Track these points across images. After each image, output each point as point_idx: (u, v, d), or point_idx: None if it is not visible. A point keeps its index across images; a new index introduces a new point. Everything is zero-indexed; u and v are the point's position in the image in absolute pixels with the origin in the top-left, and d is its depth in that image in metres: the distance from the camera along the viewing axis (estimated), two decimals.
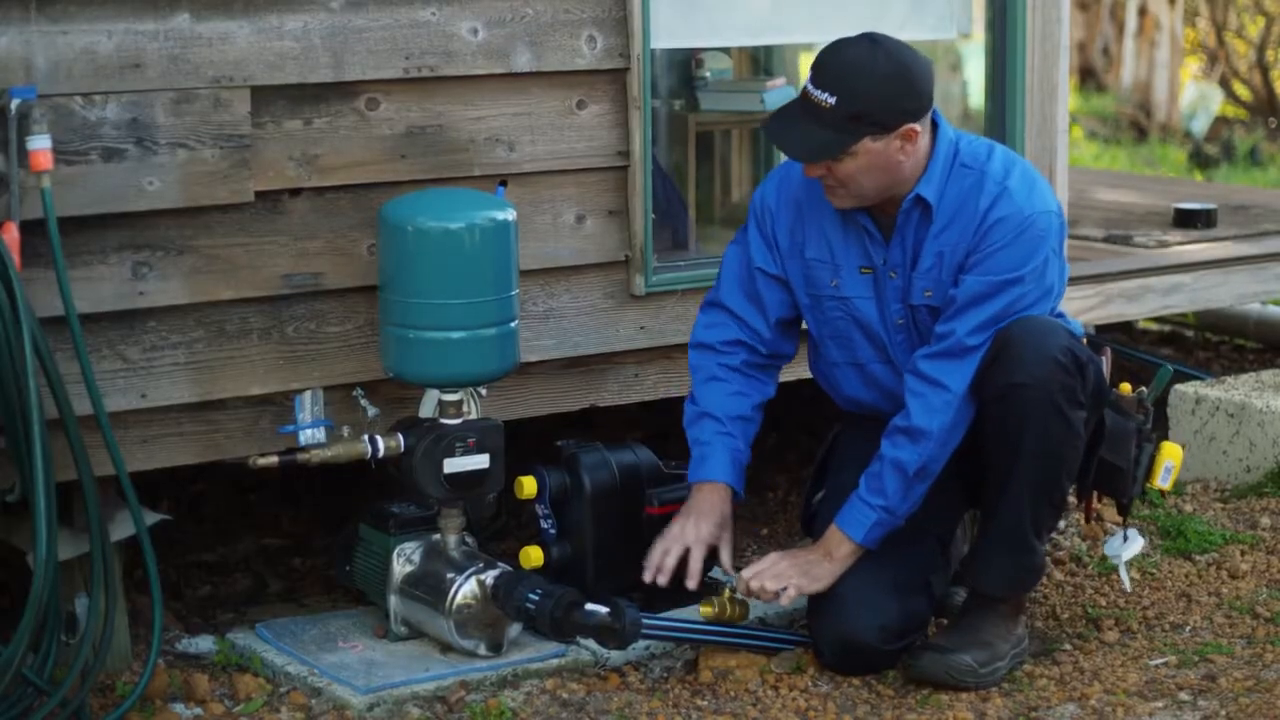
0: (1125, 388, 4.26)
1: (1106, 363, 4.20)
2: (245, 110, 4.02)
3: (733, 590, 4.13)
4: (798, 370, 4.53)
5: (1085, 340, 4.18)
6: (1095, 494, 4.33)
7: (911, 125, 3.92)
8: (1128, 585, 4.42)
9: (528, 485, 4.30)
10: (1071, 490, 4.21)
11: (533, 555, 4.26)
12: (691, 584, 4.14)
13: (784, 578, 4.03)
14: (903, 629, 4.05)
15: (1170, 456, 4.22)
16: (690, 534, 4.16)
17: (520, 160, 4.36)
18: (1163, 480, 4.22)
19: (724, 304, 4.25)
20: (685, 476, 4.36)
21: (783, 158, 4.19)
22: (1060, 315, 4.19)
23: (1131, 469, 4.18)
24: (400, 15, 4.17)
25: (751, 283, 4.23)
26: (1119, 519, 4.45)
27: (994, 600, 4.07)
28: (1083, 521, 4.88)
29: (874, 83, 3.88)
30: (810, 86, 3.91)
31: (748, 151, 6.08)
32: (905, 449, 3.97)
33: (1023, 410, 3.92)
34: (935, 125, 4.03)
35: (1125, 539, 4.30)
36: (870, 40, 3.93)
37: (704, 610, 3.99)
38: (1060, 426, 3.95)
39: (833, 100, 3.87)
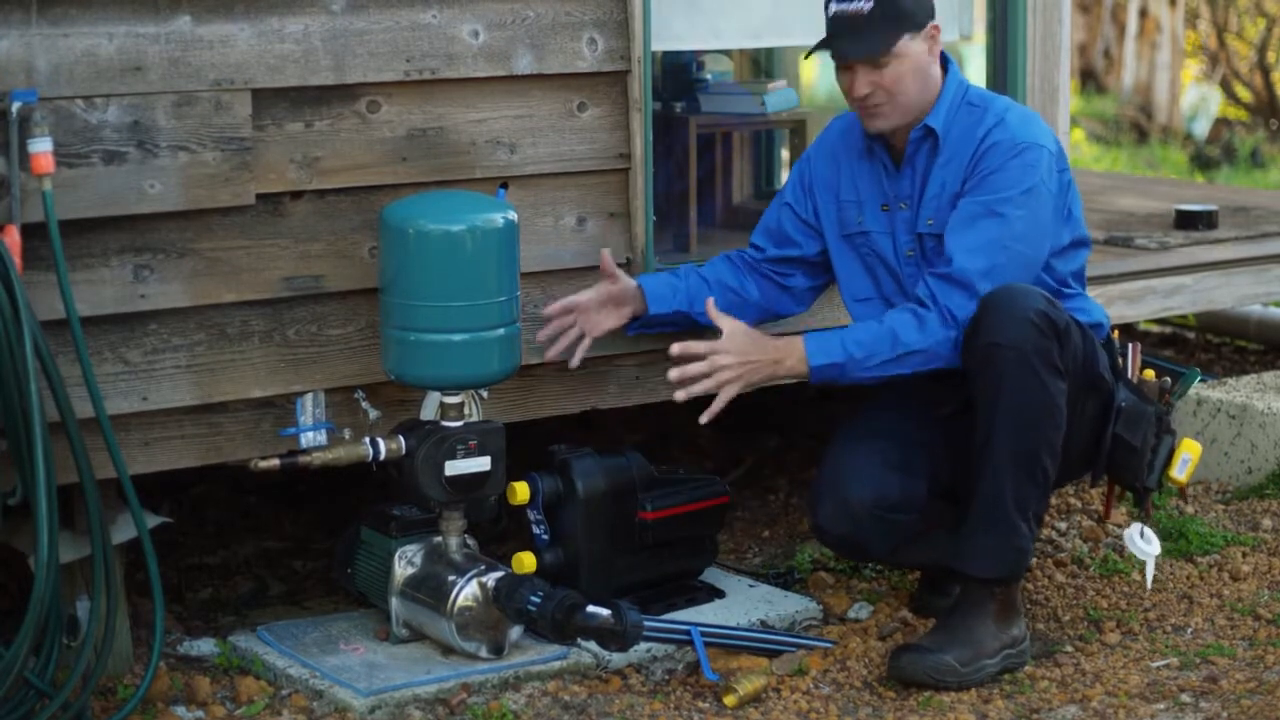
0: (1149, 374, 4.34)
1: (1134, 355, 4.32)
2: (246, 113, 4.01)
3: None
4: None
5: (1115, 334, 4.34)
6: (1112, 484, 4.39)
7: (934, 22, 4.24)
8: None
9: (520, 491, 4.28)
10: (1085, 479, 4.23)
11: (525, 561, 4.23)
12: (573, 362, 4.36)
13: (716, 380, 4.16)
14: (897, 503, 4.21)
15: (1188, 450, 4.29)
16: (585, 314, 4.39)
17: (521, 162, 4.35)
18: (1179, 471, 4.29)
19: (751, 240, 4.53)
20: (678, 480, 4.39)
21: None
22: (1080, 307, 4.27)
23: (1148, 454, 4.26)
24: (401, 18, 4.17)
25: (777, 218, 4.47)
26: (1137, 511, 4.46)
27: (981, 597, 4.09)
28: (1102, 513, 4.89)
29: None
30: (841, 4, 4.18)
31: (749, 153, 6.08)
32: (910, 329, 4.12)
33: (999, 370, 4.02)
34: (946, 66, 4.29)
35: (1143, 534, 4.33)
36: None
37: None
38: (1035, 388, 4.02)
39: (869, 6, 4.15)
